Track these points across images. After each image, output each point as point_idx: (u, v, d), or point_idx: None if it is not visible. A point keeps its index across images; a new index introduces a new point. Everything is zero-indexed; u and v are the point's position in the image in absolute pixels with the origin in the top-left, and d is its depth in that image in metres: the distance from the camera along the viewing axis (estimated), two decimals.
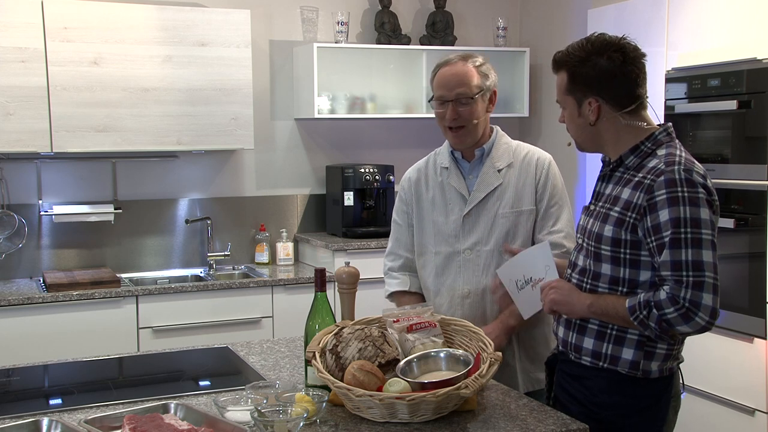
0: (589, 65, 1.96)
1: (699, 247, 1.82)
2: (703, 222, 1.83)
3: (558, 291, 2.03)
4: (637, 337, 1.95)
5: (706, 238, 1.83)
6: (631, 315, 1.89)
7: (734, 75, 3.35)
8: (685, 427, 3.65)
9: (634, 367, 1.96)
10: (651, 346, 1.95)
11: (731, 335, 3.40)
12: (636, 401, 1.99)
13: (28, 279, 4.28)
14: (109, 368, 2.62)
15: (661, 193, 1.86)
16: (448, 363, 2.04)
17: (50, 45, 3.93)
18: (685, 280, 1.81)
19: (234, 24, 4.27)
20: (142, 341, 3.97)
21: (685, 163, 1.90)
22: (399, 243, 2.60)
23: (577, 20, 4.73)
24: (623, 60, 1.95)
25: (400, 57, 4.82)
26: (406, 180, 2.60)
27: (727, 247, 3.47)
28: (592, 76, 1.96)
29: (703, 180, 1.89)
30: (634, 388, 1.98)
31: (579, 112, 2.01)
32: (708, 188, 1.88)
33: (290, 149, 4.86)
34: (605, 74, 1.96)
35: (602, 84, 1.97)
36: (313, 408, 1.88)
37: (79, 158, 4.34)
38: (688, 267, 1.81)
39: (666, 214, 1.84)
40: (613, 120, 1.98)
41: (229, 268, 4.64)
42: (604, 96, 1.97)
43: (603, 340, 1.99)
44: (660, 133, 2.00)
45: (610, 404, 1.99)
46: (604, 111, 1.98)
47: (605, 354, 1.99)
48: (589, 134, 2.03)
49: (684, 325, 1.83)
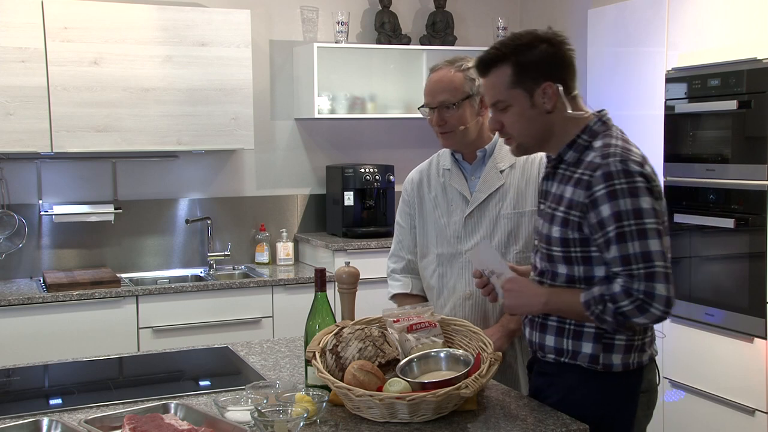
0: (537, 51, 1.91)
1: (645, 237, 1.80)
2: (645, 211, 1.81)
3: (511, 294, 2.01)
4: (594, 331, 1.93)
5: (650, 227, 1.81)
6: (587, 310, 1.87)
7: (734, 75, 3.35)
8: (685, 427, 3.66)
9: (593, 360, 1.94)
10: (609, 338, 1.93)
11: (731, 335, 3.40)
12: (602, 396, 1.96)
13: (28, 279, 4.28)
14: (109, 368, 2.62)
15: (599, 188, 1.83)
16: (448, 363, 2.04)
17: (50, 45, 3.93)
18: (636, 273, 1.80)
19: (234, 24, 4.27)
20: (142, 341, 3.97)
21: (621, 152, 1.86)
22: (401, 245, 2.60)
23: (577, 20, 4.73)
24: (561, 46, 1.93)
25: (400, 57, 4.82)
26: (408, 181, 2.60)
27: (727, 247, 3.47)
28: (543, 59, 1.91)
29: (640, 167, 1.85)
30: (598, 383, 1.96)
31: (531, 102, 1.93)
32: (646, 175, 1.85)
33: (290, 149, 4.86)
34: (554, 57, 1.92)
35: (554, 67, 1.92)
36: (313, 408, 1.88)
37: (79, 158, 4.34)
38: (637, 259, 1.80)
39: (607, 209, 1.82)
40: (562, 108, 1.93)
41: (229, 268, 4.64)
42: (558, 80, 1.92)
43: (563, 335, 1.97)
44: (595, 123, 1.95)
45: (578, 401, 1.97)
46: (559, 95, 1.93)
47: (566, 350, 1.97)
48: (541, 126, 1.95)
49: (640, 316, 1.82)
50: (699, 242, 3.59)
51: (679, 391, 3.68)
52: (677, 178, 3.65)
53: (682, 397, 3.67)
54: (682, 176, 3.63)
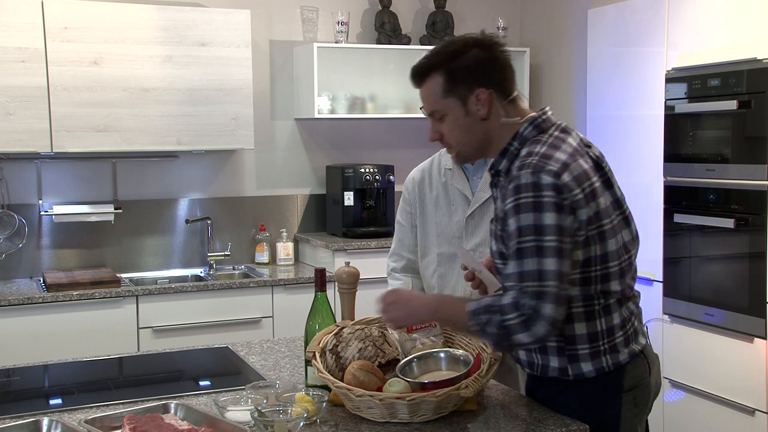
0: (466, 57, 1.87)
1: (541, 255, 1.72)
2: (547, 228, 1.73)
3: (394, 306, 1.95)
4: (555, 344, 1.89)
5: (548, 245, 1.73)
6: (471, 319, 1.80)
7: (734, 75, 3.35)
8: (685, 427, 3.66)
9: (563, 373, 1.90)
10: (572, 349, 1.87)
11: (731, 335, 3.40)
12: (581, 400, 1.92)
13: (28, 279, 4.28)
14: (109, 368, 2.62)
15: (509, 201, 1.78)
16: (448, 363, 2.04)
17: (50, 45, 3.93)
18: (527, 290, 1.73)
19: (234, 24, 4.27)
20: (142, 341, 3.97)
21: (537, 162, 1.78)
22: (402, 244, 2.61)
23: (577, 20, 4.74)
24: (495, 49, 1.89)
25: (400, 57, 4.81)
26: (410, 181, 2.60)
27: (727, 247, 3.47)
28: (473, 65, 1.87)
29: (555, 179, 1.75)
30: (575, 388, 1.92)
31: (465, 110, 1.88)
32: (559, 187, 1.75)
33: (290, 149, 4.86)
34: (486, 62, 1.87)
35: (487, 72, 1.87)
36: (313, 408, 1.88)
37: (79, 158, 4.34)
38: (531, 276, 1.73)
39: (513, 223, 1.76)
40: (498, 115, 1.89)
41: (229, 268, 4.64)
42: (491, 85, 1.87)
43: (531, 350, 1.94)
44: (525, 129, 1.88)
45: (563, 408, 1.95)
46: (493, 101, 1.88)
47: (537, 363, 1.94)
48: (478, 134, 1.90)
49: (522, 333, 1.74)
50: (699, 242, 3.59)
51: (679, 391, 3.68)
52: (677, 178, 3.65)
53: (682, 397, 3.67)
54: (682, 176, 3.63)
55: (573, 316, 1.86)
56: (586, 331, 1.87)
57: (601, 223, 1.82)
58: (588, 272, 1.83)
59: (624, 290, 1.90)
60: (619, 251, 1.86)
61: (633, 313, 1.94)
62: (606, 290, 1.86)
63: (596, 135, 4.16)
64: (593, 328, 1.87)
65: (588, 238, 1.81)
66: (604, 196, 1.84)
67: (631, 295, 1.94)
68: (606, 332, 1.88)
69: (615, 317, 1.88)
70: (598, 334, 1.87)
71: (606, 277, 1.85)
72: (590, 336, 1.87)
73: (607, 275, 1.85)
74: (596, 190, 1.82)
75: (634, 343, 1.93)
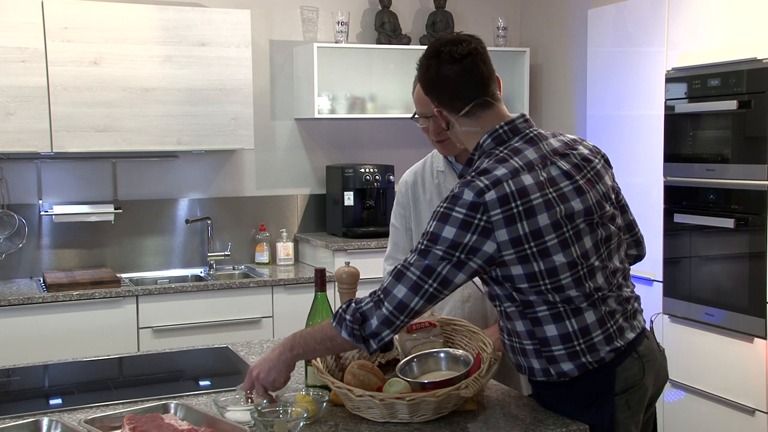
0: (421, 71, 1.95)
1: (425, 257, 1.79)
2: (441, 239, 1.77)
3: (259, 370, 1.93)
4: (531, 347, 1.89)
5: (435, 251, 1.78)
6: (333, 317, 1.88)
7: (734, 75, 3.35)
8: (685, 427, 3.66)
9: (546, 374, 1.90)
10: (547, 351, 1.86)
11: (731, 335, 3.40)
12: (575, 401, 1.91)
13: (28, 279, 4.28)
14: (109, 368, 2.62)
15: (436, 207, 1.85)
16: (448, 363, 2.04)
17: (50, 45, 3.93)
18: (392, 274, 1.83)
19: (234, 24, 4.27)
20: (142, 341, 3.97)
21: (471, 177, 1.82)
22: (397, 247, 2.60)
23: (577, 20, 4.74)
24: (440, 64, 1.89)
25: (400, 57, 4.81)
26: (402, 183, 2.59)
27: (727, 247, 3.47)
28: (425, 83, 1.95)
29: (477, 196, 1.77)
30: (566, 389, 1.91)
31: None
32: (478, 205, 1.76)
33: (290, 149, 4.86)
34: (432, 79, 1.93)
35: (434, 89, 1.94)
36: (313, 408, 1.88)
37: (79, 158, 4.34)
38: (405, 267, 1.81)
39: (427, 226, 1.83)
40: (456, 126, 1.95)
41: (229, 268, 4.64)
42: (440, 100, 1.94)
43: (515, 353, 1.95)
44: (485, 141, 1.90)
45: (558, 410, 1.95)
46: (446, 116, 1.95)
47: (523, 366, 1.95)
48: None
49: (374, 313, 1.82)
50: (699, 242, 3.59)
51: (679, 391, 3.68)
52: (677, 178, 3.65)
53: (682, 397, 3.67)
54: (682, 176, 3.63)
55: (540, 320, 1.85)
56: (558, 332, 1.85)
57: (543, 239, 1.79)
58: (537, 285, 1.82)
59: (592, 292, 1.85)
60: (575, 261, 1.82)
61: (615, 311, 1.89)
62: (567, 298, 1.83)
63: (596, 135, 4.16)
64: (564, 329, 1.85)
65: (524, 257, 1.79)
66: (551, 212, 1.81)
67: (610, 294, 1.89)
68: (580, 332, 1.85)
69: (588, 317, 1.85)
70: (571, 335, 1.85)
71: (559, 288, 1.82)
72: (562, 337, 1.85)
73: (560, 287, 1.82)
74: (535, 207, 1.79)
75: (618, 339, 1.88)
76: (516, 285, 1.82)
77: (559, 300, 1.83)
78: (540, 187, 1.82)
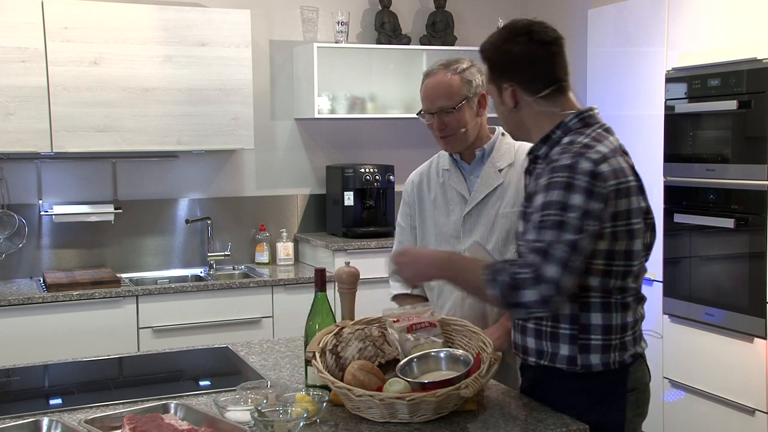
0: (501, 50, 1.98)
1: (561, 229, 1.77)
2: (572, 207, 1.78)
3: (405, 266, 2.02)
4: (568, 332, 1.92)
5: (571, 222, 1.77)
6: (485, 269, 1.85)
7: (734, 75, 3.35)
8: (685, 427, 3.66)
9: (571, 362, 1.93)
10: (584, 339, 1.91)
11: (731, 335, 3.40)
12: (586, 397, 1.94)
13: (28, 279, 4.28)
14: (109, 368, 2.62)
15: (543, 180, 1.85)
16: (448, 363, 2.04)
17: (50, 45, 3.93)
18: (539, 251, 1.78)
19: (234, 24, 4.27)
20: (142, 341, 3.97)
21: (579, 150, 1.84)
22: (402, 245, 2.61)
23: (577, 20, 4.74)
24: (530, 43, 1.96)
25: (400, 57, 4.81)
26: (409, 183, 2.62)
27: (727, 247, 3.47)
28: (504, 61, 1.98)
29: (593, 166, 1.81)
30: (580, 384, 1.94)
31: (501, 99, 2.01)
32: (596, 174, 1.80)
33: (290, 149, 4.86)
34: (515, 58, 1.96)
35: (514, 68, 1.97)
36: (314, 408, 1.88)
37: (79, 158, 4.34)
38: (545, 243, 1.78)
39: (540, 199, 1.82)
40: (531, 106, 1.98)
41: (229, 268, 4.64)
42: (517, 80, 1.97)
43: (541, 338, 1.97)
44: (571, 120, 1.95)
45: (564, 404, 1.96)
46: (519, 96, 1.98)
47: (546, 351, 1.96)
48: (513, 121, 2.03)
49: (531, 288, 1.76)
50: (699, 242, 3.59)
51: (679, 391, 3.68)
52: (677, 178, 3.65)
53: (682, 397, 3.67)
54: (682, 176, 3.63)
55: (590, 305, 1.90)
56: (602, 323, 1.91)
57: (631, 221, 1.87)
58: (611, 265, 1.88)
59: (639, 290, 1.96)
60: (642, 252, 1.92)
61: (642, 316, 2.00)
62: (624, 287, 1.91)
63: None
64: (609, 320, 1.91)
65: (617, 233, 1.86)
66: (638, 198, 1.90)
67: (643, 297, 2.00)
68: (620, 327, 1.92)
69: (629, 315, 1.93)
70: (612, 328, 1.91)
71: (626, 274, 1.90)
72: (604, 328, 1.91)
73: (628, 272, 1.90)
74: (631, 188, 1.88)
75: (638, 345, 1.98)
76: (593, 262, 1.85)
77: (618, 287, 1.90)
78: (631, 172, 1.91)
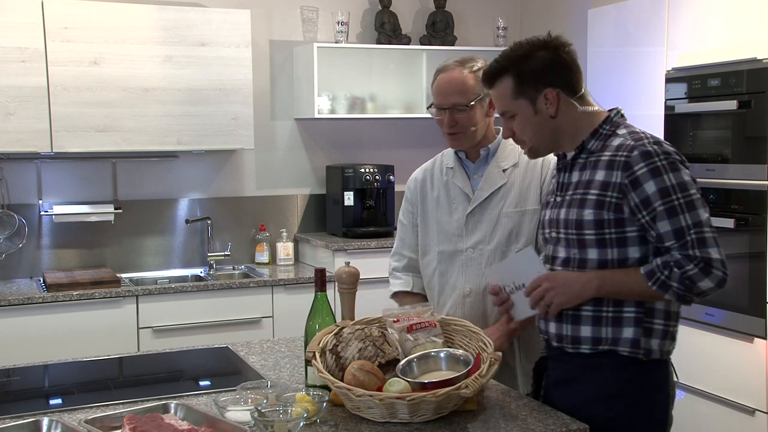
0: (534, 59, 1.99)
1: (693, 208, 1.89)
2: (688, 184, 1.90)
3: (557, 291, 1.99)
4: (634, 315, 1.96)
5: (696, 198, 1.90)
6: (650, 279, 1.90)
7: (734, 75, 3.35)
8: (685, 427, 3.65)
9: (635, 345, 1.97)
10: (648, 321, 1.97)
11: (731, 335, 3.40)
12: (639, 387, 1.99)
13: (28, 279, 4.28)
14: (109, 368, 2.62)
15: (640, 167, 1.90)
16: (448, 363, 2.04)
17: (50, 45, 3.93)
18: (690, 241, 1.88)
19: (234, 24, 4.27)
20: (142, 341, 3.97)
21: (650, 135, 1.97)
22: (403, 243, 2.61)
23: (577, 20, 4.73)
24: (555, 49, 2.00)
25: (400, 57, 4.82)
26: (412, 180, 2.61)
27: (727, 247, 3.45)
28: (541, 68, 1.99)
29: (670, 146, 1.95)
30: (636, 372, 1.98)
31: (535, 110, 2.01)
32: (678, 153, 1.94)
33: (290, 149, 4.86)
34: (552, 63, 2.00)
35: (553, 73, 2.00)
36: (314, 408, 1.88)
37: (79, 158, 4.34)
38: (690, 229, 1.88)
39: (652, 186, 1.88)
40: (571, 109, 2.01)
41: (229, 268, 4.64)
42: (559, 84, 2.00)
43: (600, 324, 1.98)
44: (615, 116, 2.05)
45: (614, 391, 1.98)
46: (562, 100, 2.00)
47: (605, 338, 1.98)
48: (549, 130, 2.03)
49: (705, 279, 1.87)
50: None
51: (679, 391, 3.66)
52: None
53: (682, 397, 3.67)
54: None
55: None
56: (664, 308, 1.98)
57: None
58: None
59: None
60: None
61: None
62: None
63: None
64: (669, 306, 1.99)
65: None
66: None
67: None
68: (675, 315, 2.02)
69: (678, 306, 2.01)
70: (671, 314, 2.00)
71: None
72: (666, 313, 1.99)
73: None
74: None
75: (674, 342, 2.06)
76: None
77: None
78: None
